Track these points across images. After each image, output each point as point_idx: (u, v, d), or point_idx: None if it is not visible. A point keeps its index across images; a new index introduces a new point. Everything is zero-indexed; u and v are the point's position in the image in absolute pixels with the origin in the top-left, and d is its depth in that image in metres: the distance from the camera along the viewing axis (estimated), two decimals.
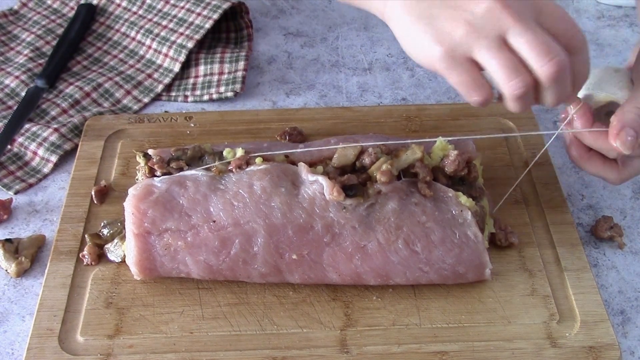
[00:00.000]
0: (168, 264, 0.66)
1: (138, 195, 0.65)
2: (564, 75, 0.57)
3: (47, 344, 0.64)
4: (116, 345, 0.64)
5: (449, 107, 0.87)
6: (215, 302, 0.67)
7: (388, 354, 0.63)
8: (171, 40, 0.95)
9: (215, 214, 0.65)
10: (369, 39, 1.01)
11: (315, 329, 0.65)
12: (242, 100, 0.91)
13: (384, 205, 0.65)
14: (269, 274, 0.66)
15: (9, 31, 1.01)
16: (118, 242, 0.70)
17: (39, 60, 0.95)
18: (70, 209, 0.75)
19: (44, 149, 0.82)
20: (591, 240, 0.75)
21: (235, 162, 0.67)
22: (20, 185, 0.80)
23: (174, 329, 0.65)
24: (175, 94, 0.92)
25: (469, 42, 0.56)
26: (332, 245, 0.64)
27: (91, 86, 0.91)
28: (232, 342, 0.64)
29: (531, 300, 0.67)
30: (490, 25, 0.56)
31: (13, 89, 0.91)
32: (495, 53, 0.56)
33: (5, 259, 0.71)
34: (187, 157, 0.70)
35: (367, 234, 0.64)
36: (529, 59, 0.56)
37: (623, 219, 0.76)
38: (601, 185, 0.80)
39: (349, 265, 0.65)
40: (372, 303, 0.67)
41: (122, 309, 0.66)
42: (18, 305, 0.69)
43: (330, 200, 0.64)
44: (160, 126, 0.85)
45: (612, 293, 0.70)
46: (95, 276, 0.69)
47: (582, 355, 0.63)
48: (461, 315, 0.66)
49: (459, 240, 0.65)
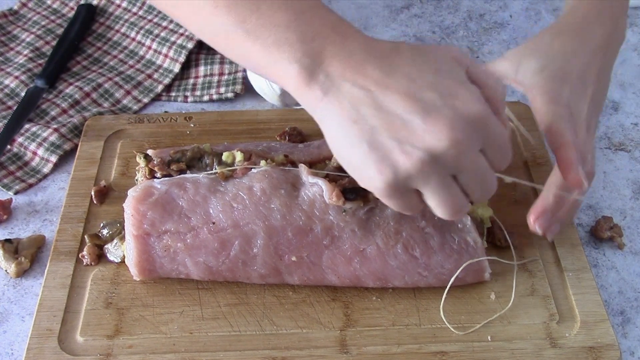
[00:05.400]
0: (168, 265, 0.66)
1: (137, 197, 0.65)
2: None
3: (47, 344, 0.64)
4: (116, 345, 0.64)
5: None
6: (215, 303, 0.67)
7: (388, 354, 0.63)
8: (171, 41, 0.95)
9: (215, 216, 0.65)
10: None
11: (315, 330, 0.65)
12: (242, 100, 0.91)
13: (384, 209, 0.65)
14: (269, 275, 0.66)
15: (9, 31, 1.01)
16: (117, 242, 0.70)
17: (39, 60, 0.95)
18: (70, 209, 0.75)
19: (44, 149, 0.82)
20: (591, 241, 0.75)
21: (242, 170, 0.67)
22: (20, 185, 0.80)
23: (174, 329, 0.65)
24: (175, 94, 0.92)
25: (418, 178, 0.52)
26: (331, 248, 0.64)
27: (91, 86, 0.91)
28: (231, 342, 0.64)
29: (531, 300, 0.67)
30: (442, 167, 0.52)
31: (13, 89, 0.91)
32: (443, 192, 0.53)
33: (5, 259, 0.71)
34: (187, 159, 0.69)
35: (366, 237, 0.64)
36: (471, 194, 0.55)
37: (623, 219, 0.76)
38: (601, 185, 0.80)
39: (348, 268, 0.65)
40: (372, 303, 0.67)
41: (122, 309, 0.66)
42: (18, 305, 0.69)
43: (330, 204, 0.64)
44: (160, 126, 0.85)
45: (612, 293, 0.70)
46: (94, 276, 0.69)
47: (582, 355, 0.63)
48: (461, 316, 0.66)
49: (458, 246, 0.65)
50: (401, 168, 0.51)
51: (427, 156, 0.51)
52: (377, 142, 0.51)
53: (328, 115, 0.53)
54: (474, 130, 0.51)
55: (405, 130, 0.51)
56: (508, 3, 1.07)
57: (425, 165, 0.51)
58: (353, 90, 0.52)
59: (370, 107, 0.51)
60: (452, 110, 0.51)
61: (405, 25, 1.03)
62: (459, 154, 0.51)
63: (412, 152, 0.51)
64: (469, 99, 0.51)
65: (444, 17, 1.05)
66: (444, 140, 0.50)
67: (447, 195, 0.54)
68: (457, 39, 1.01)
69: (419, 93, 0.51)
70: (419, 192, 0.54)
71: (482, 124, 0.52)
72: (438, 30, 1.02)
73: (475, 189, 0.55)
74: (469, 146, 0.51)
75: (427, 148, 0.50)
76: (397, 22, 1.04)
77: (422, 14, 1.05)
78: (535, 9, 1.06)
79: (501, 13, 1.05)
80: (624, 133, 0.86)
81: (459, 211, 0.55)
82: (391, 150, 0.51)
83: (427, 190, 0.53)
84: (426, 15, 1.05)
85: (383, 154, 0.51)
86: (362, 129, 0.51)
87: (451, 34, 1.02)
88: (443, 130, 0.50)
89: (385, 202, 0.55)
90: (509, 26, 1.03)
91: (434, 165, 0.51)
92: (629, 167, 0.82)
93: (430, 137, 0.50)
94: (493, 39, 1.01)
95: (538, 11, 1.05)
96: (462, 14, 1.05)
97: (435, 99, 0.51)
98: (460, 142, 0.50)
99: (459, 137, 0.50)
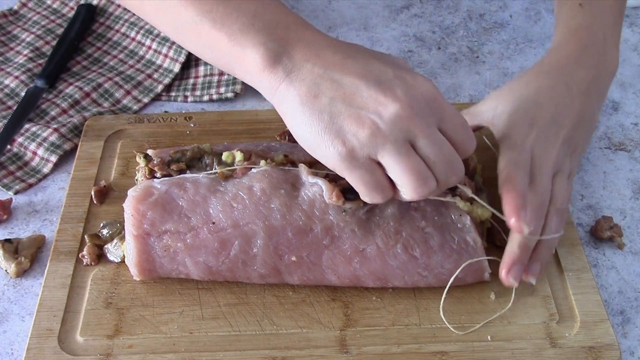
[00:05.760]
0: (167, 265, 0.66)
1: (137, 197, 0.65)
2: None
3: (47, 344, 0.64)
4: (116, 345, 0.64)
5: None
6: (215, 303, 0.67)
7: (388, 354, 0.63)
8: (171, 41, 0.95)
9: (215, 216, 0.65)
10: (368, 39, 1.01)
11: (315, 329, 0.65)
12: (242, 100, 0.91)
13: (384, 209, 0.65)
14: (268, 275, 0.66)
15: (9, 31, 1.01)
16: (117, 242, 0.70)
17: (39, 60, 0.95)
18: (69, 209, 0.75)
19: (44, 149, 0.82)
20: (591, 241, 0.75)
21: (242, 170, 0.67)
22: (20, 185, 0.80)
23: (174, 329, 0.65)
24: (175, 94, 0.92)
25: (374, 144, 0.54)
26: (331, 248, 0.64)
27: (91, 86, 0.91)
28: (231, 342, 0.64)
29: (531, 300, 0.67)
30: (398, 131, 0.54)
31: (13, 89, 0.91)
32: (402, 158, 0.55)
33: (5, 259, 0.71)
34: (187, 159, 0.70)
35: (366, 237, 0.64)
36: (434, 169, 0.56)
37: (623, 219, 0.76)
38: (601, 185, 0.80)
39: (348, 268, 0.65)
40: (372, 303, 0.67)
41: (122, 309, 0.66)
42: (18, 305, 0.69)
43: (330, 204, 0.64)
44: (160, 126, 0.85)
45: (612, 293, 0.70)
46: (94, 276, 0.69)
47: (582, 355, 0.63)
48: (461, 316, 0.66)
49: (457, 246, 0.65)
50: (356, 135, 0.54)
51: (378, 120, 0.53)
52: (335, 112, 0.54)
53: (289, 95, 0.56)
54: (425, 104, 0.55)
55: (360, 98, 0.54)
56: (508, 3, 1.07)
57: (378, 129, 0.53)
58: (314, 69, 0.56)
59: (329, 82, 0.55)
60: (404, 83, 0.55)
61: (405, 25, 1.03)
62: (410, 119, 0.53)
63: (365, 118, 0.54)
64: (422, 80, 0.55)
65: (444, 17, 1.05)
66: (394, 106, 0.53)
67: (406, 162, 0.54)
68: (457, 39, 1.01)
69: (374, 72, 0.55)
70: (382, 166, 0.56)
71: (433, 101, 0.55)
72: (438, 30, 1.02)
73: (437, 161, 0.55)
74: (421, 115, 0.54)
75: (378, 112, 0.54)
76: (397, 22, 1.04)
77: (422, 14, 1.05)
78: (535, 9, 1.06)
79: (501, 13, 1.05)
80: (624, 133, 0.86)
81: (423, 182, 0.55)
82: (347, 118, 0.54)
83: (385, 158, 0.55)
84: (426, 15, 1.05)
85: (340, 125, 0.54)
86: (322, 102, 0.55)
87: (451, 34, 1.02)
88: (395, 98, 0.54)
89: (347, 178, 0.57)
90: (509, 26, 1.03)
91: (387, 129, 0.53)
92: (629, 167, 0.82)
93: (382, 103, 0.54)
94: (493, 39, 1.01)
95: (538, 11, 1.05)
96: (462, 14, 1.05)
97: (389, 75, 0.55)
98: (411, 106, 0.53)
99: (410, 102, 0.54)
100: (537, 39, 1.00)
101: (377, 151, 0.54)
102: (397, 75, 0.56)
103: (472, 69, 0.96)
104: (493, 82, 0.94)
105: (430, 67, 0.96)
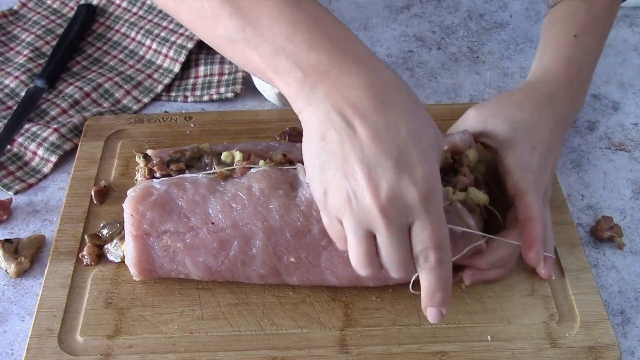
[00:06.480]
0: (167, 265, 0.66)
1: (137, 197, 0.65)
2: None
3: (47, 344, 0.64)
4: (116, 345, 0.64)
5: (448, 107, 0.87)
6: (215, 303, 0.67)
7: (388, 354, 0.63)
8: (171, 41, 0.95)
9: (214, 216, 0.65)
10: (368, 39, 1.01)
11: (315, 329, 0.65)
12: (242, 100, 0.91)
13: None
14: (268, 276, 0.66)
15: (9, 31, 1.01)
16: (117, 242, 0.71)
17: (39, 60, 0.95)
18: (69, 209, 0.75)
19: (44, 149, 0.82)
20: (591, 241, 0.75)
21: (241, 170, 0.67)
22: (20, 185, 0.80)
23: (174, 329, 0.65)
24: (175, 94, 0.92)
25: (342, 210, 0.54)
26: (329, 249, 0.64)
27: (91, 86, 0.91)
28: (231, 342, 0.64)
29: (531, 300, 0.67)
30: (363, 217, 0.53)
31: (13, 89, 0.91)
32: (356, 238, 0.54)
33: (5, 259, 0.71)
34: (186, 159, 0.70)
35: None
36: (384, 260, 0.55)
37: (623, 219, 0.76)
38: (601, 185, 0.80)
39: (347, 269, 0.65)
40: (372, 303, 0.67)
41: (122, 309, 0.66)
42: (18, 305, 0.69)
43: None
44: (160, 126, 0.85)
45: (612, 293, 0.70)
46: (94, 276, 0.69)
47: (582, 355, 0.63)
48: (461, 316, 0.66)
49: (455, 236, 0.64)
50: (334, 194, 0.54)
51: (353, 198, 0.53)
52: (326, 165, 0.54)
53: (306, 122, 0.55)
54: (404, 211, 0.53)
55: (350, 169, 0.53)
56: (508, 3, 1.07)
57: (349, 203, 0.53)
58: (330, 111, 0.53)
59: (337, 132, 0.53)
60: (396, 184, 0.52)
61: (405, 25, 1.03)
62: (379, 218, 0.52)
63: (344, 187, 0.53)
64: (421, 180, 0.52)
65: (444, 17, 1.05)
66: (370, 200, 0.52)
67: (356, 244, 0.54)
68: (457, 39, 1.01)
69: (383, 145, 0.52)
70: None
71: (417, 206, 0.53)
72: (438, 30, 1.02)
73: (388, 261, 0.55)
74: (391, 220, 0.53)
75: (355, 193, 0.53)
76: (397, 22, 1.04)
77: (422, 14, 1.05)
78: (535, 9, 1.06)
79: (501, 13, 1.05)
80: (624, 133, 0.86)
81: (366, 265, 0.55)
82: (332, 176, 0.54)
83: (345, 225, 0.55)
84: (426, 15, 1.05)
85: (326, 176, 0.54)
86: (323, 147, 0.54)
87: (451, 34, 1.02)
88: (375, 193, 0.52)
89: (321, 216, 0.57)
90: (509, 26, 1.03)
91: (356, 209, 0.53)
92: (629, 167, 0.82)
93: (362, 188, 0.52)
94: (493, 39, 1.01)
95: (538, 11, 1.05)
96: (462, 14, 1.05)
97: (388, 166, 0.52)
98: (384, 211, 0.52)
99: (385, 206, 0.52)
100: (537, 39, 1.00)
101: (342, 217, 0.54)
102: (397, 170, 0.52)
103: (472, 69, 0.96)
104: (493, 82, 0.94)
105: (430, 67, 0.96)
